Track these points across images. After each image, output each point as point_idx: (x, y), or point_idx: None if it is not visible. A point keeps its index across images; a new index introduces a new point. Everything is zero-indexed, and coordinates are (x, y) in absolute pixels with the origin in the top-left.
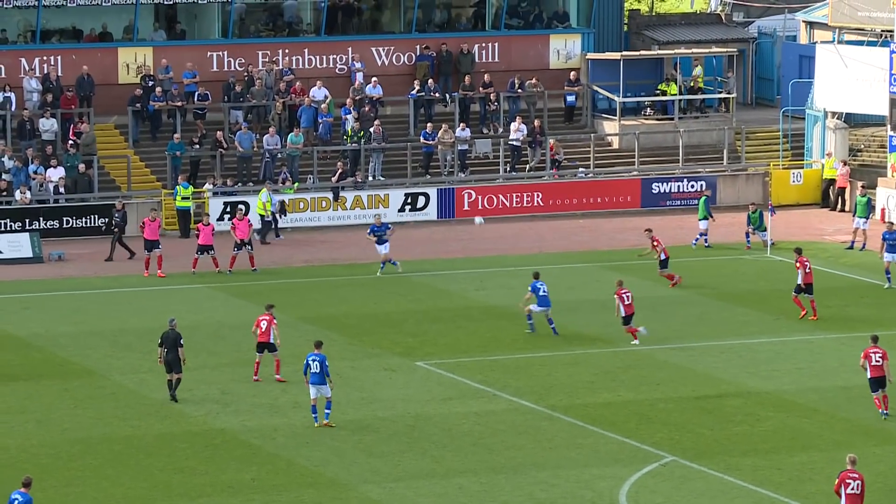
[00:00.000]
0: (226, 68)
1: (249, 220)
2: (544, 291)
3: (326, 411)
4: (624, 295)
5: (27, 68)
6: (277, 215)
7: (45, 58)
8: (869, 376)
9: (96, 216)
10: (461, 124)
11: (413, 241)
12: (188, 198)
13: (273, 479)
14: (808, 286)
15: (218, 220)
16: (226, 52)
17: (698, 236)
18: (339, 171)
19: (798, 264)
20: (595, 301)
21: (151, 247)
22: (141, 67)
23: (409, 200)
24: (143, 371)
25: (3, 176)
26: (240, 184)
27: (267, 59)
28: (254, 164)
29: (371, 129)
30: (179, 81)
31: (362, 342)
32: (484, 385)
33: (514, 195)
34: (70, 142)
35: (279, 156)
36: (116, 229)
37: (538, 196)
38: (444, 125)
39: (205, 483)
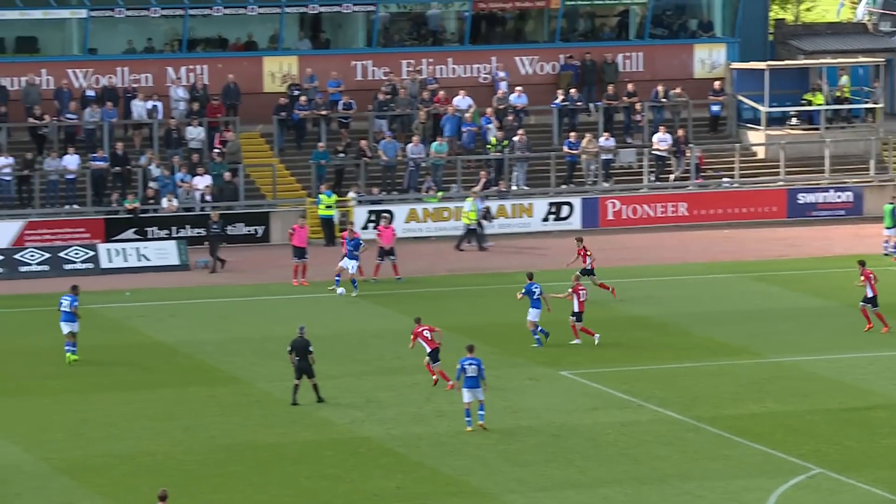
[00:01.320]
0: (370, 77)
1: (394, 229)
2: (539, 294)
3: (480, 412)
4: (581, 291)
5: (174, 77)
6: (483, 222)
7: (191, 67)
8: None
9: (242, 224)
10: (605, 134)
11: (557, 251)
12: (332, 206)
13: (418, 488)
14: (873, 298)
15: (362, 228)
16: (370, 61)
17: (885, 244)
18: (483, 180)
19: (863, 277)
20: (740, 312)
21: (301, 254)
22: (286, 76)
23: (552, 210)
24: (289, 378)
25: (151, 184)
26: (384, 192)
27: (411, 68)
28: (398, 173)
29: (515, 139)
30: (324, 90)
31: (506, 351)
32: (629, 395)
33: (658, 205)
34: (216, 150)
35: (423, 165)
36: (209, 242)
37: (682, 206)
38: (587, 134)
39: (349, 491)
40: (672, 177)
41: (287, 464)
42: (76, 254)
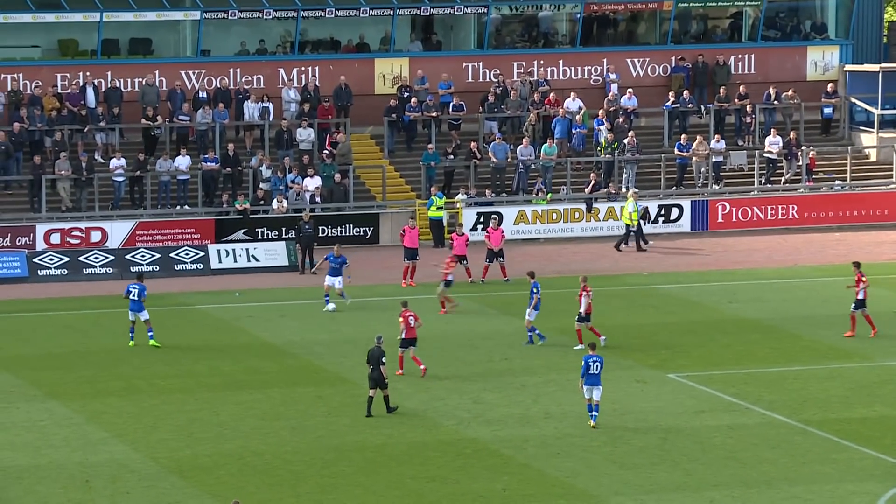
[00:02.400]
0: (481, 79)
1: (503, 231)
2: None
3: (595, 412)
4: (587, 292)
5: (285, 79)
6: (641, 223)
7: (303, 68)
8: None
9: (351, 225)
10: (716, 136)
11: (666, 253)
12: (442, 208)
13: (524, 489)
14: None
15: (471, 230)
16: (481, 63)
17: None
18: (593, 182)
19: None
20: (848, 316)
21: (412, 255)
22: (397, 78)
23: (662, 212)
24: (397, 379)
25: (261, 185)
26: (494, 194)
27: (522, 70)
28: (507, 175)
29: (625, 141)
30: (435, 92)
31: (614, 353)
32: (737, 398)
33: (769, 207)
34: (326, 151)
35: (533, 167)
36: (300, 243)
37: (793, 209)
38: (698, 137)
39: (456, 492)
40: (783, 179)
41: (393, 464)
42: (186, 254)
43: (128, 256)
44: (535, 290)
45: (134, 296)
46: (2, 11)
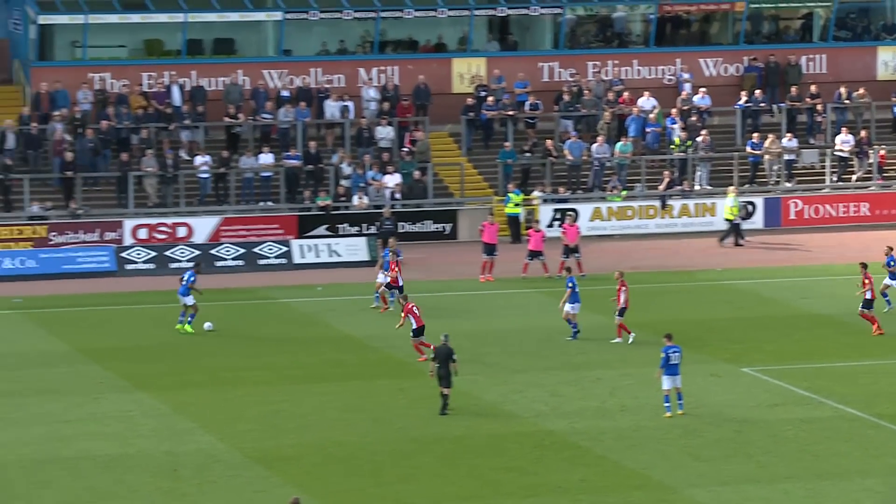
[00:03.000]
0: (556, 78)
1: (578, 227)
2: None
3: (679, 401)
4: (624, 288)
5: (366, 78)
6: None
7: (382, 68)
8: None
9: (430, 221)
10: (788, 134)
11: (739, 250)
12: (519, 204)
13: (601, 481)
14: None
15: (548, 226)
16: (557, 63)
17: None
18: (667, 179)
19: (866, 280)
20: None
21: (490, 251)
22: (474, 77)
23: None
24: (476, 372)
25: (342, 182)
26: (570, 192)
27: (597, 70)
28: (583, 173)
29: (698, 139)
30: (511, 91)
31: (688, 348)
32: (810, 392)
33: (841, 205)
34: (406, 149)
35: (608, 164)
36: (380, 238)
37: (864, 206)
38: (770, 135)
39: (534, 483)
40: (854, 177)
41: (472, 456)
42: (270, 249)
43: (212, 251)
44: (570, 285)
45: (184, 282)
46: (90, 12)
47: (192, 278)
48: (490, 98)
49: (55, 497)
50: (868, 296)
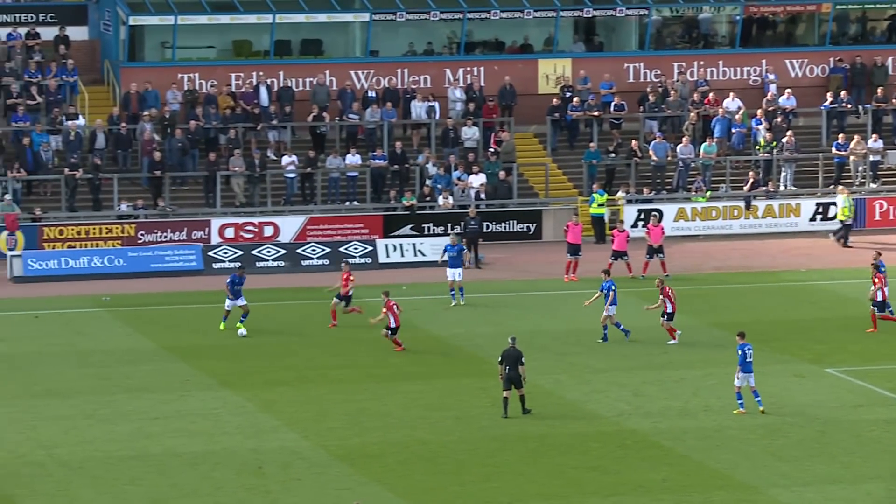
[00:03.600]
0: (642, 79)
1: (663, 227)
2: (614, 290)
3: (757, 399)
4: (670, 294)
5: (451, 79)
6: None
7: (468, 68)
8: None
9: (515, 221)
10: (873, 135)
11: (824, 250)
12: (603, 205)
13: (683, 480)
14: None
15: (632, 226)
16: (642, 64)
17: None
18: (751, 180)
19: (876, 279)
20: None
21: (574, 251)
22: (560, 78)
23: (819, 210)
24: (559, 372)
25: (427, 182)
26: (654, 192)
27: (682, 71)
28: (668, 173)
29: (783, 140)
30: (597, 92)
31: (771, 348)
32: (894, 393)
33: None
34: (491, 150)
35: (692, 165)
36: (466, 238)
37: None
38: (856, 136)
39: (616, 482)
40: None
41: (555, 454)
42: (355, 248)
43: (298, 250)
44: (603, 288)
45: (235, 285)
46: (179, 13)
47: (237, 283)
48: (575, 99)
49: (141, 493)
50: (879, 296)
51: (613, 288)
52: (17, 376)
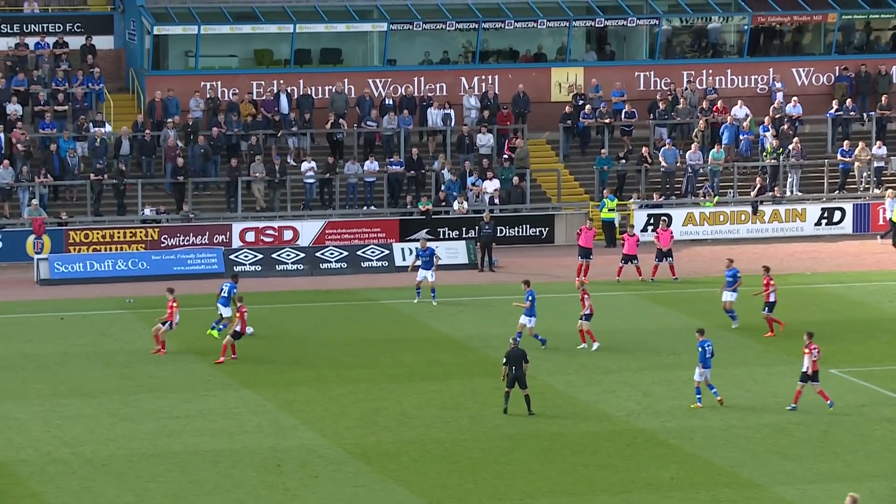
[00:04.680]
0: (652, 87)
1: (672, 232)
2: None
3: (713, 390)
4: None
5: (467, 87)
6: None
7: (483, 77)
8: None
9: (528, 226)
10: (878, 142)
11: (828, 255)
12: (614, 210)
13: (691, 478)
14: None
15: (641, 230)
16: (652, 72)
17: None
18: (758, 185)
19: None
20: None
21: (586, 255)
22: (572, 86)
23: (825, 215)
24: (570, 372)
25: (443, 187)
26: (663, 197)
27: (691, 79)
28: (677, 179)
29: (790, 146)
30: (608, 100)
31: (779, 349)
32: None
33: None
34: (505, 156)
35: (701, 171)
36: (479, 242)
37: None
38: (860, 143)
39: (625, 480)
40: None
41: (566, 453)
42: (372, 252)
43: (317, 254)
44: (529, 298)
45: (224, 293)
46: (203, 23)
47: (233, 290)
48: (587, 106)
49: (163, 490)
50: (771, 299)
51: (532, 298)
52: (43, 376)
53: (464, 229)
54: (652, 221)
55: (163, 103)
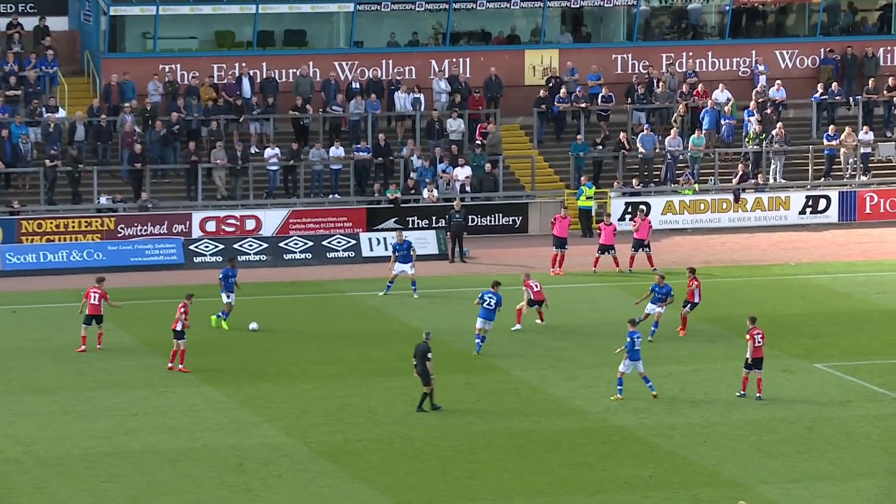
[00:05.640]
0: (630, 70)
1: (650, 221)
2: (490, 305)
3: (649, 384)
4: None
5: (437, 70)
6: None
7: (454, 60)
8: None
9: (501, 215)
10: (864, 127)
11: (813, 244)
12: (591, 198)
13: (670, 477)
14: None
15: (619, 220)
16: (630, 55)
17: None
18: (740, 172)
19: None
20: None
21: (560, 244)
22: (547, 69)
23: (809, 203)
24: (545, 367)
25: (412, 174)
26: (642, 185)
27: (671, 62)
28: (655, 166)
29: (773, 132)
30: (584, 83)
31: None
32: (884, 388)
33: None
34: (476, 142)
35: (681, 157)
36: (450, 232)
37: None
38: (846, 128)
39: (603, 479)
40: None
41: (541, 451)
42: (339, 242)
43: (281, 244)
44: (482, 300)
45: (229, 279)
46: (161, 3)
47: (233, 274)
48: (562, 90)
49: (120, 490)
50: (696, 299)
51: (487, 299)
52: None
53: (434, 218)
54: (630, 210)
55: (119, 87)
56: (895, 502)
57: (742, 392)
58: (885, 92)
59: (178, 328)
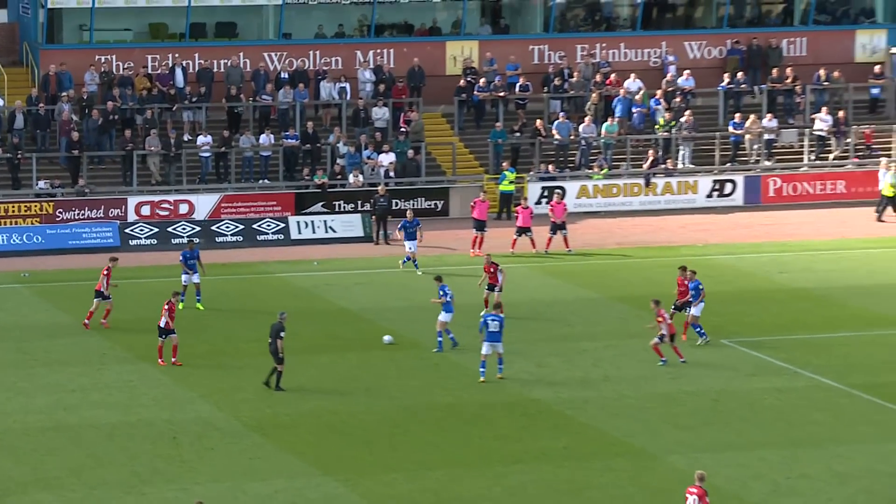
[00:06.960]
0: (546, 61)
1: (565, 204)
2: (450, 297)
3: (500, 366)
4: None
5: (362, 60)
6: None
7: (378, 51)
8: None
9: (423, 199)
10: (768, 115)
11: (720, 226)
12: (514, 182)
13: (584, 447)
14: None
15: (535, 203)
16: (546, 46)
17: None
18: (651, 158)
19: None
20: (894, 285)
21: (480, 227)
22: (467, 60)
23: (716, 187)
24: (465, 345)
25: (338, 160)
26: (557, 170)
27: (585, 53)
28: (570, 152)
29: (682, 119)
30: (502, 73)
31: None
32: (786, 363)
33: (818, 183)
34: (400, 129)
35: (594, 143)
36: (375, 215)
37: (841, 184)
38: (751, 116)
39: (520, 450)
40: (831, 156)
41: (461, 424)
42: (268, 226)
43: (213, 227)
44: (442, 293)
45: (192, 259)
46: None
47: (192, 255)
48: (482, 80)
49: (59, 463)
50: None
51: (449, 293)
52: None
53: (359, 202)
54: (546, 194)
55: (57, 77)
56: (795, 470)
57: (663, 360)
58: (787, 81)
59: (162, 325)
